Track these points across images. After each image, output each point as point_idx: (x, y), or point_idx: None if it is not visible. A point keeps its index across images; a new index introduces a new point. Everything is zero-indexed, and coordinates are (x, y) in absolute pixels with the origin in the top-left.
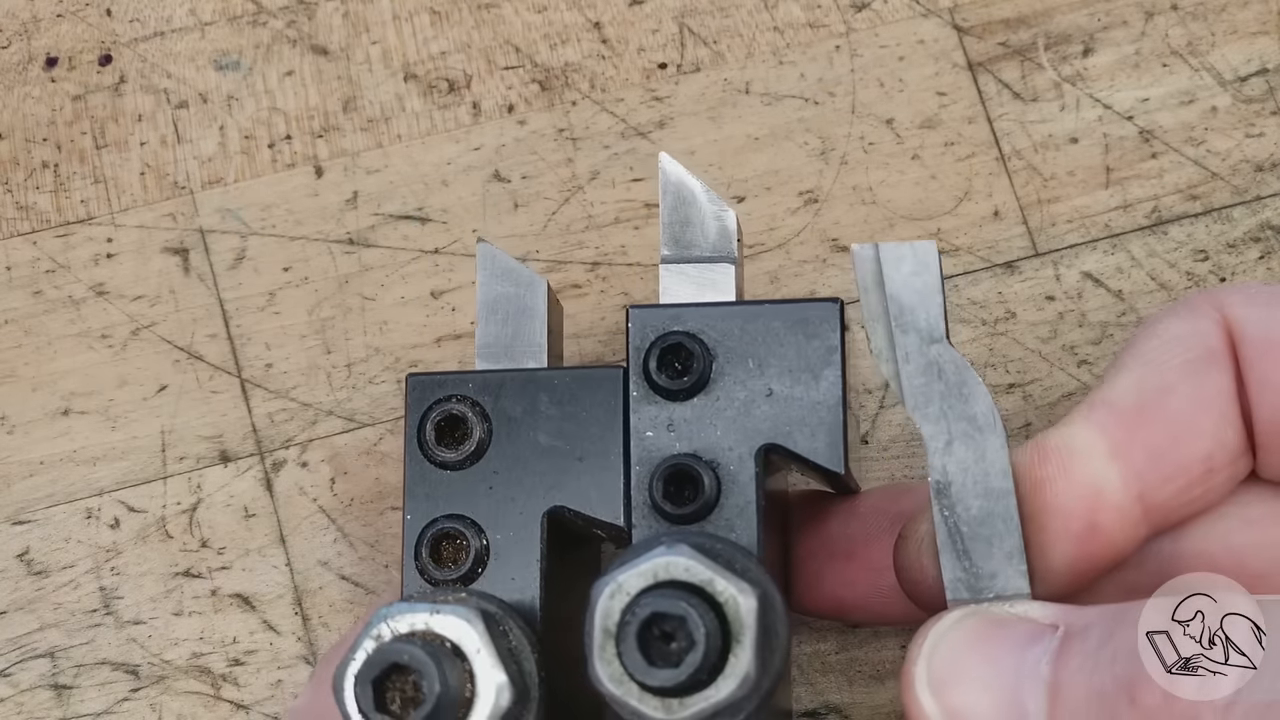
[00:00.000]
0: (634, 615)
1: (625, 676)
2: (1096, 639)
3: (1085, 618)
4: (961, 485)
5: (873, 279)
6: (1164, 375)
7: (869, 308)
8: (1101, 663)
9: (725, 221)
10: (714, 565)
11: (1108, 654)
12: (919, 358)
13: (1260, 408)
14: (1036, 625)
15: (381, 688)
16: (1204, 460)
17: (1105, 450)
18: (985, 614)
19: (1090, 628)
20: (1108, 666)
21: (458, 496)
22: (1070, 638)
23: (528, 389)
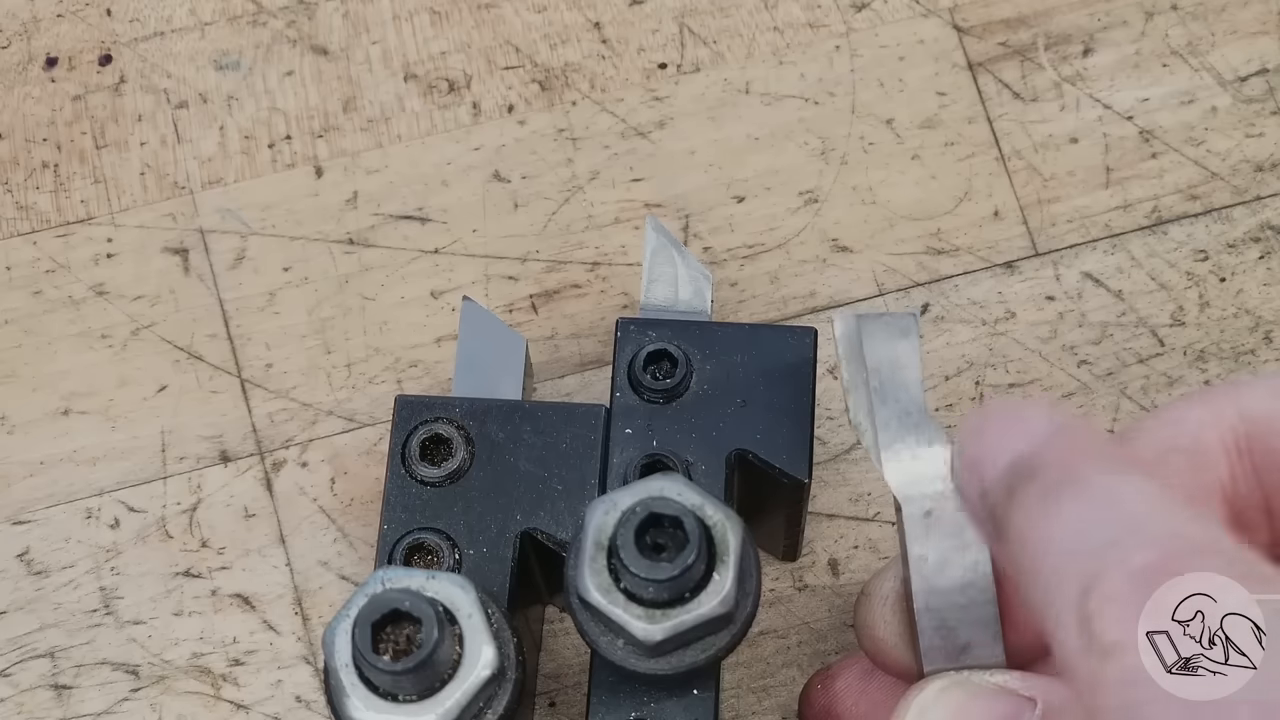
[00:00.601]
0: (633, 515)
1: (613, 586)
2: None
3: (1064, 696)
4: (939, 554)
5: (852, 350)
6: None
7: (848, 378)
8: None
9: (701, 285)
10: (704, 494)
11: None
12: (897, 428)
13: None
14: (1017, 699)
15: (376, 637)
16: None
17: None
18: (966, 684)
19: (1067, 708)
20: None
21: (435, 512)
22: (1049, 715)
23: (512, 418)
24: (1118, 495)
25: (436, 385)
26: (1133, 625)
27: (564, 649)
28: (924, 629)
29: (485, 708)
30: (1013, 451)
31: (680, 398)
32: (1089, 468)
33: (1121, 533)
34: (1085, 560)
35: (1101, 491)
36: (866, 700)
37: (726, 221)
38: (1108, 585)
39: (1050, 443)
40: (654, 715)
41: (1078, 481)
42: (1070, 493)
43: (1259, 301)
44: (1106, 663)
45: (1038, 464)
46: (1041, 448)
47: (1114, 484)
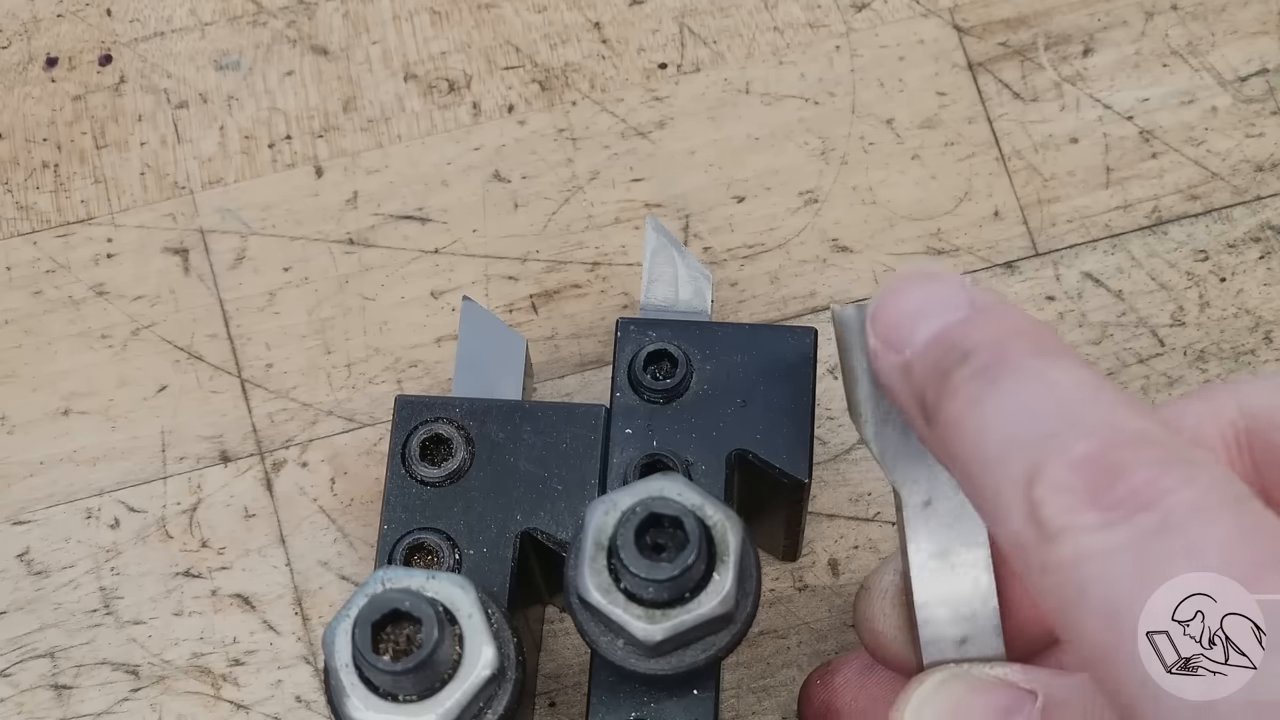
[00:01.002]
0: (633, 515)
1: (613, 586)
2: (1076, 713)
3: (1065, 689)
4: (939, 547)
5: (852, 340)
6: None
7: (848, 369)
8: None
9: (701, 285)
10: (704, 494)
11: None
12: (897, 420)
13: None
14: (1017, 691)
15: (376, 637)
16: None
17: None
18: (966, 677)
19: (1070, 701)
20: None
21: (436, 512)
22: (1050, 709)
23: (512, 418)
24: (1053, 382)
25: (436, 385)
26: (1076, 510)
27: (564, 649)
28: (923, 622)
29: (485, 708)
30: (933, 325)
31: (680, 398)
32: (1021, 351)
33: (1060, 423)
34: (1026, 449)
35: (1037, 378)
36: (866, 695)
37: (726, 221)
38: (1050, 474)
39: (976, 322)
40: (654, 715)
41: (1012, 367)
42: (1006, 379)
43: (1259, 301)
44: (1054, 546)
45: (967, 346)
46: (968, 327)
47: (1048, 370)
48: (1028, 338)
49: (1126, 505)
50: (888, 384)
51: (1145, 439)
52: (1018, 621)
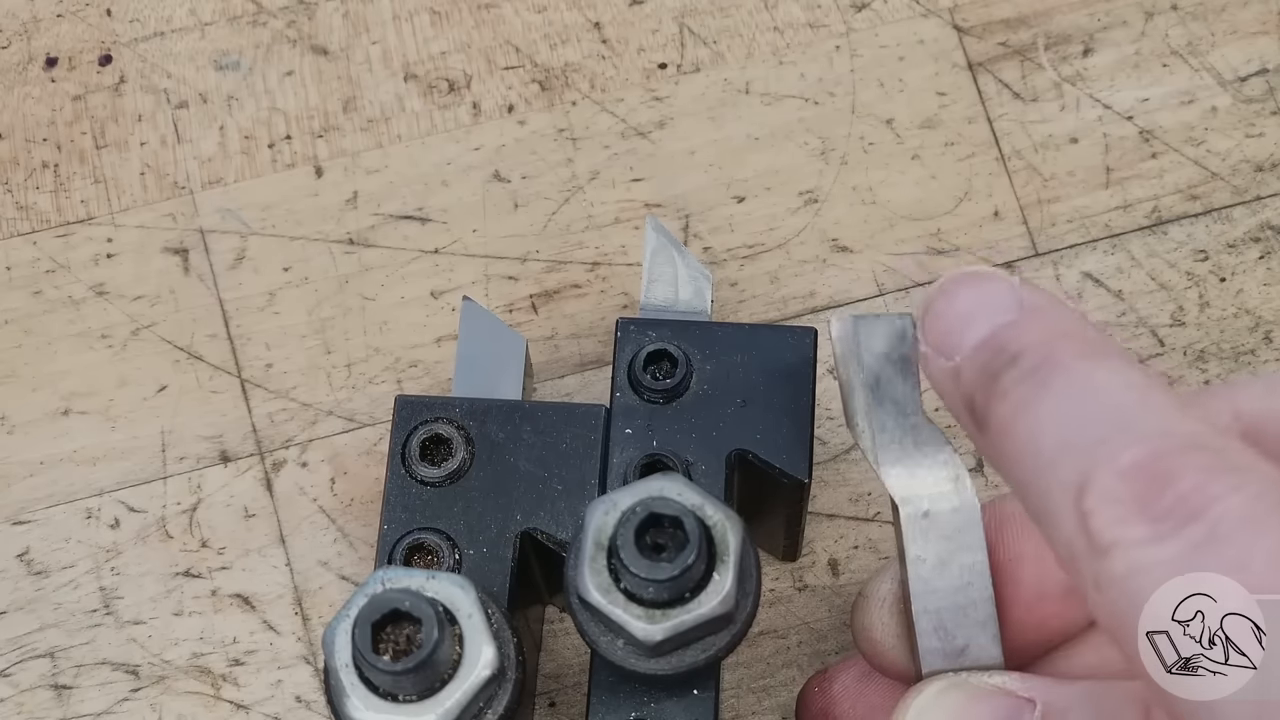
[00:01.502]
0: (633, 515)
1: (613, 586)
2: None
3: (1064, 697)
4: (937, 555)
5: (849, 351)
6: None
7: (845, 380)
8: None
9: (701, 285)
10: (704, 494)
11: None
12: (894, 430)
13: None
14: (1015, 700)
15: (376, 637)
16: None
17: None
18: (965, 686)
19: (1069, 709)
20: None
21: (435, 512)
22: (1049, 716)
23: (512, 418)
24: (1102, 385)
25: (436, 385)
26: (1126, 522)
27: (564, 649)
28: (922, 630)
29: (485, 708)
30: (983, 328)
31: (680, 398)
32: (1069, 353)
33: (1109, 428)
34: (1076, 457)
35: (1085, 381)
36: (864, 703)
37: (726, 221)
38: (1100, 483)
39: (1024, 324)
40: (654, 715)
41: (1060, 369)
42: (1055, 383)
43: (1259, 301)
44: (1106, 560)
45: (1015, 349)
46: (1016, 330)
47: (1097, 372)
48: (1076, 339)
49: (1175, 515)
50: (939, 389)
51: (1194, 444)
52: (1016, 630)
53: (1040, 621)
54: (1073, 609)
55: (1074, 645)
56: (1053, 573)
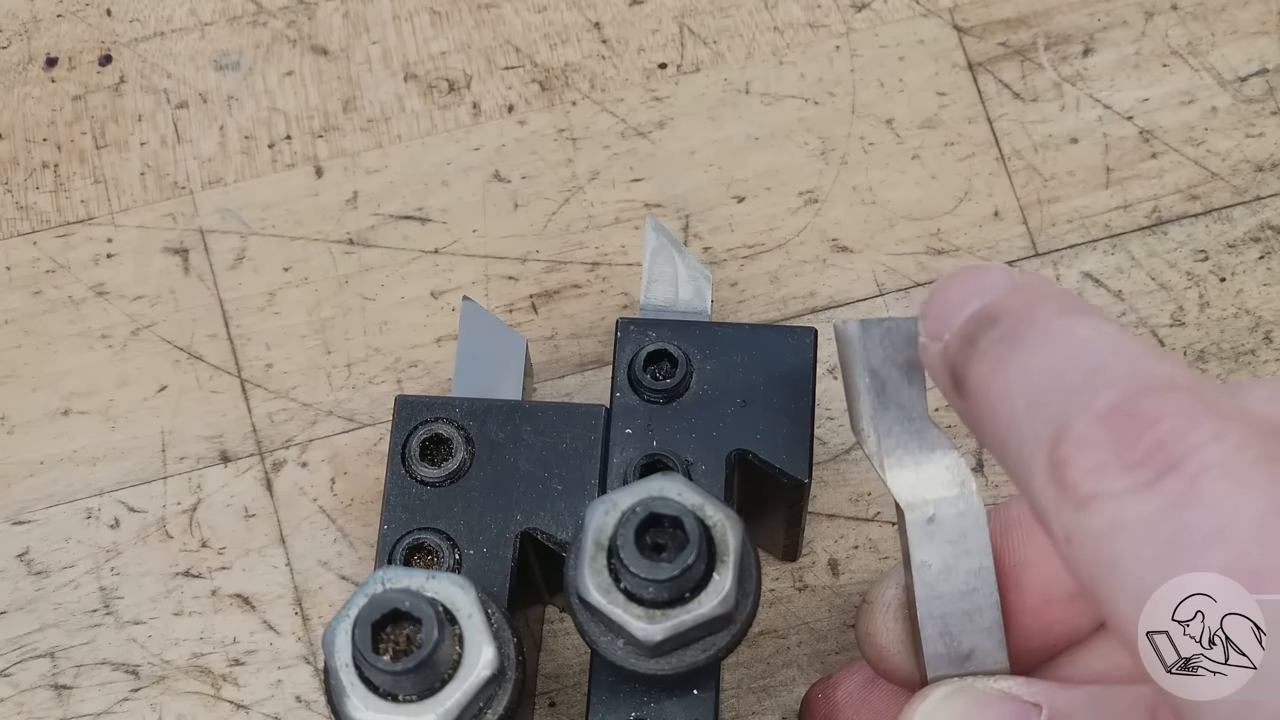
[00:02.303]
0: (633, 515)
1: (613, 586)
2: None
3: (1070, 702)
4: (943, 560)
5: (854, 355)
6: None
7: (850, 384)
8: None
9: (701, 285)
10: (704, 494)
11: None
12: (900, 434)
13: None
14: (1021, 705)
15: (376, 637)
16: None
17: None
18: (971, 690)
19: (1075, 714)
20: None
21: (435, 512)
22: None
23: (512, 418)
24: (1078, 336)
25: (436, 385)
26: (1104, 471)
27: (564, 649)
28: (927, 636)
29: (485, 708)
30: (973, 306)
31: (680, 398)
32: (1045, 311)
33: (1083, 375)
34: (1050, 406)
35: (1059, 333)
36: (868, 710)
37: (726, 221)
38: (1076, 430)
39: (1009, 294)
40: (654, 715)
41: (1035, 325)
42: (1029, 337)
43: (1259, 301)
44: (1083, 515)
45: (995, 313)
46: (1000, 299)
47: (1071, 325)
48: (1054, 301)
49: (1154, 462)
50: (931, 372)
51: (1173, 385)
52: (1021, 635)
53: (1045, 626)
54: (1078, 614)
55: (1080, 650)
56: (1058, 578)
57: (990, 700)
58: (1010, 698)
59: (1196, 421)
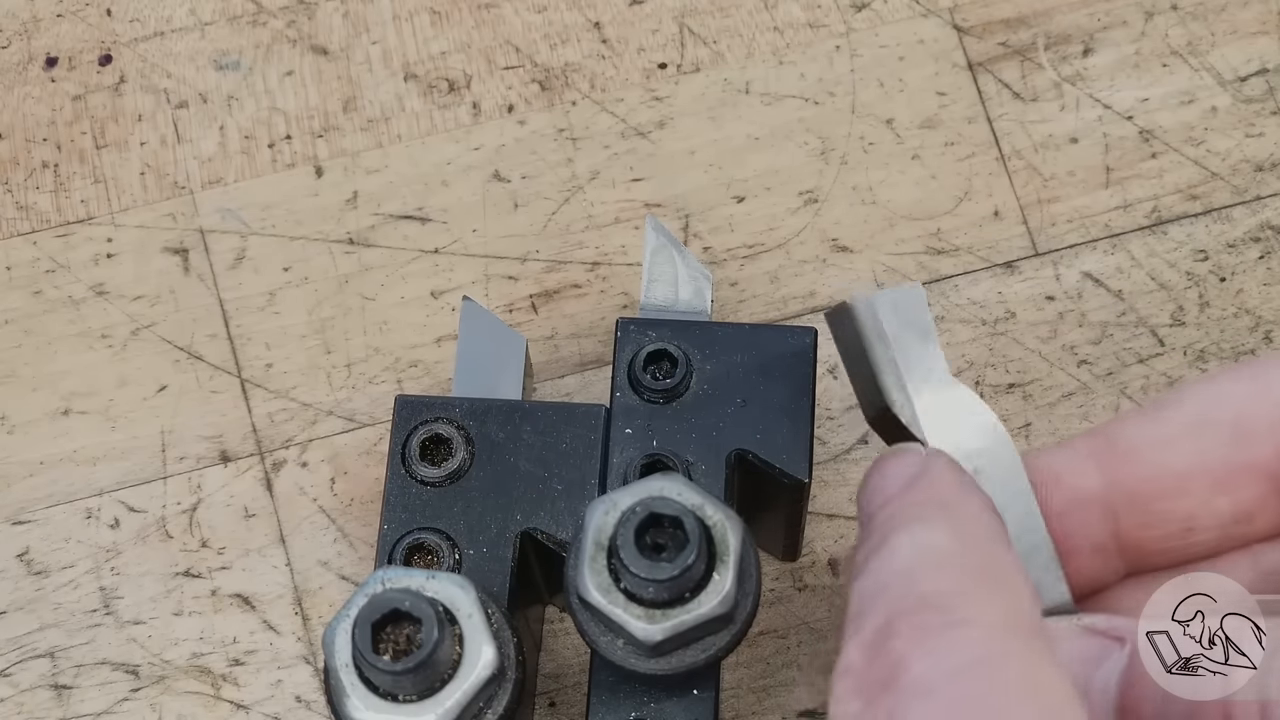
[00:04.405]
0: (633, 515)
1: (613, 586)
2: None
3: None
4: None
5: (872, 328)
6: (1171, 428)
7: (873, 356)
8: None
9: (701, 285)
10: (704, 494)
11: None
12: (931, 396)
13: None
14: (1105, 639)
15: (376, 637)
16: (1184, 520)
17: (1091, 481)
18: (1053, 628)
19: None
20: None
21: (435, 512)
22: (1138, 654)
23: (512, 418)
24: (895, 553)
25: (436, 385)
26: (848, 698)
27: (564, 649)
28: None
29: (485, 708)
30: (870, 502)
31: (680, 398)
32: (893, 522)
33: (871, 601)
34: (850, 621)
35: (888, 551)
36: None
37: (726, 221)
38: (844, 657)
39: (891, 498)
40: (654, 715)
41: (881, 537)
42: (877, 549)
43: (1259, 301)
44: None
45: (868, 515)
46: (885, 502)
47: (900, 540)
48: (913, 506)
49: (878, 684)
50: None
51: (927, 604)
52: (1077, 563)
53: (1070, 575)
54: (1101, 565)
55: (1104, 596)
56: (1082, 529)
57: (1072, 636)
58: (1092, 633)
59: (921, 640)
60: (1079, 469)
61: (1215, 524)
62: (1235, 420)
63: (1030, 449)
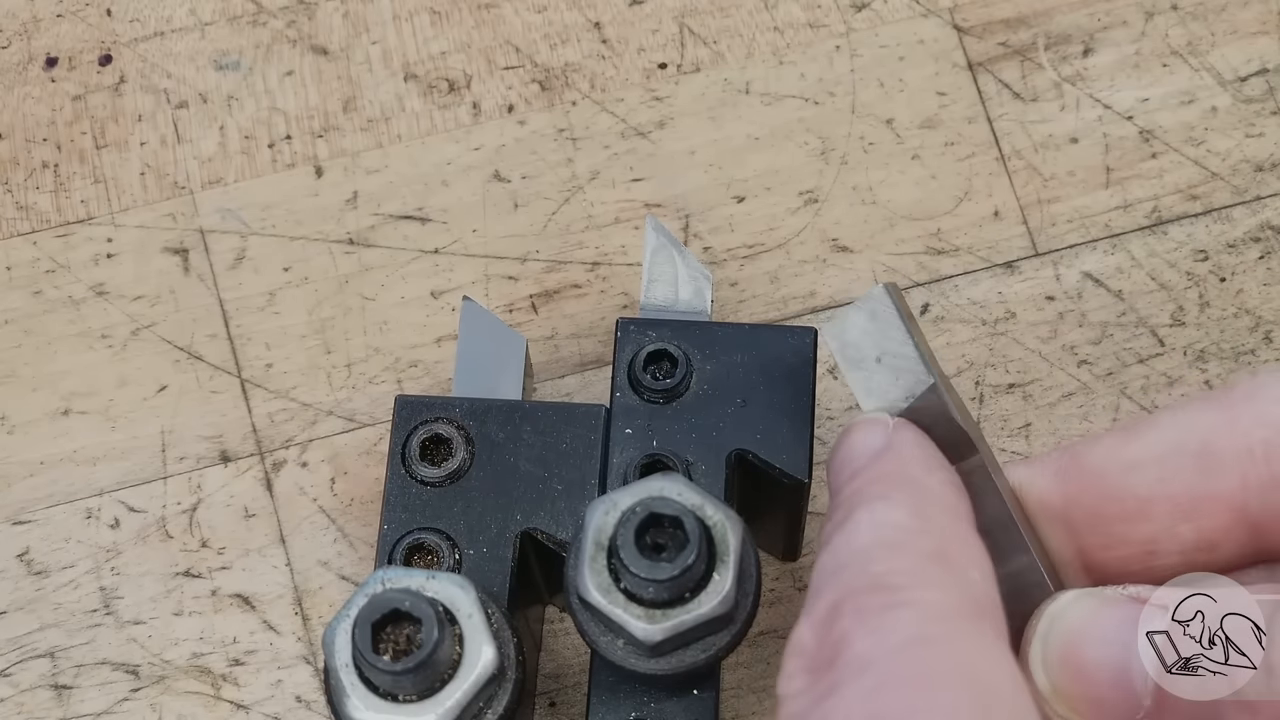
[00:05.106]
0: (633, 515)
1: (613, 586)
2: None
3: (1195, 604)
4: None
5: (899, 315)
6: (1138, 452)
7: (914, 341)
8: None
9: (701, 285)
10: (704, 494)
11: None
12: (907, 397)
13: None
14: (1150, 606)
15: (376, 637)
16: (1145, 543)
17: (1054, 498)
18: (1099, 595)
19: None
20: None
21: (435, 512)
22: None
23: (512, 418)
24: (855, 530)
25: (436, 385)
26: (795, 676)
27: (564, 649)
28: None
29: (485, 708)
30: (837, 475)
31: (680, 398)
32: (864, 495)
33: (827, 578)
34: (807, 598)
35: (851, 527)
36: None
37: (726, 221)
38: (795, 635)
39: (857, 472)
40: (654, 715)
41: (846, 513)
42: (842, 524)
43: (1259, 301)
44: (780, 708)
45: (835, 489)
46: (851, 476)
47: (859, 519)
48: (874, 483)
49: (822, 663)
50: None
51: (877, 585)
52: (1110, 550)
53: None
54: (1065, 578)
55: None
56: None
57: (1117, 602)
58: (1137, 600)
59: (864, 619)
60: (1043, 485)
61: (1177, 549)
62: (1202, 449)
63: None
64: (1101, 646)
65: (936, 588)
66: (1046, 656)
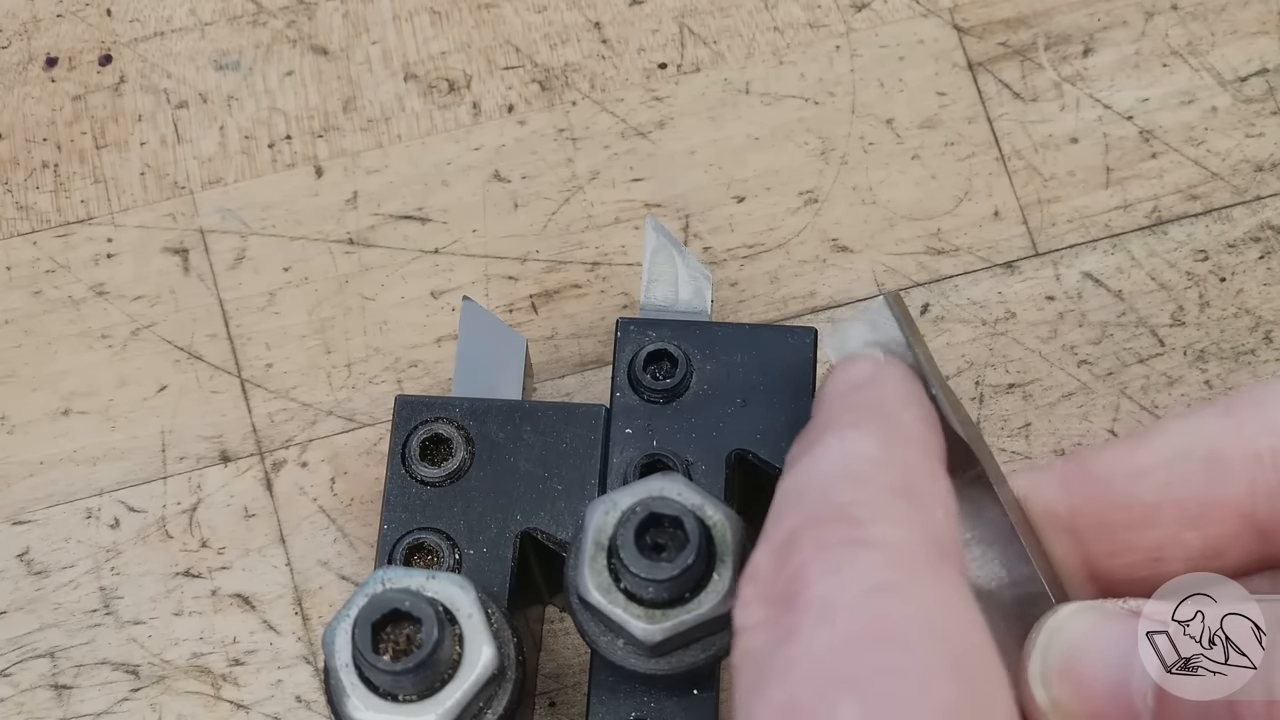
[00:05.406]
0: (633, 515)
1: (613, 586)
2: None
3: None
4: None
5: (906, 321)
6: (1145, 459)
7: (916, 349)
8: None
9: (701, 285)
10: (704, 493)
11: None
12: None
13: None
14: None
15: (376, 637)
16: (1152, 550)
17: (1059, 506)
18: (1099, 608)
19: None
20: None
21: (435, 512)
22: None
23: (512, 417)
24: (821, 455)
25: (436, 385)
26: (752, 604)
27: (564, 649)
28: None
29: (485, 708)
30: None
31: (680, 398)
32: (831, 423)
33: (790, 503)
34: (768, 520)
35: (819, 451)
36: None
37: (726, 221)
38: (753, 561)
39: (829, 398)
40: (654, 715)
41: (816, 436)
42: (811, 447)
43: (1259, 301)
44: (734, 646)
45: (812, 415)
46: (822, 402)
47: (826, 445)
48: (848, 411)
49: (781, 598)
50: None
51: (838, 516)
52: (1118, 559)
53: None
54: (1071, 588)
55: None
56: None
57: (1116, 616)
58: (1137, 614)
59: (825, 554)
60: (1048, 492)
61: (1184, 556)
62: (1209, 456)
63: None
64: (1101, 660)
65: (900, 524)
66: (1046, 670)
